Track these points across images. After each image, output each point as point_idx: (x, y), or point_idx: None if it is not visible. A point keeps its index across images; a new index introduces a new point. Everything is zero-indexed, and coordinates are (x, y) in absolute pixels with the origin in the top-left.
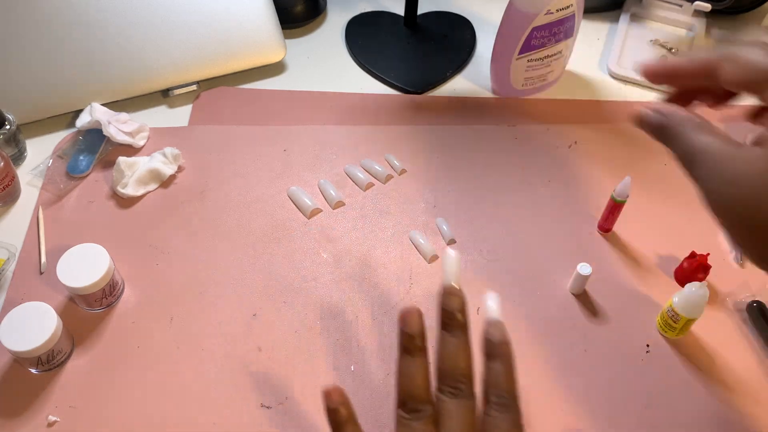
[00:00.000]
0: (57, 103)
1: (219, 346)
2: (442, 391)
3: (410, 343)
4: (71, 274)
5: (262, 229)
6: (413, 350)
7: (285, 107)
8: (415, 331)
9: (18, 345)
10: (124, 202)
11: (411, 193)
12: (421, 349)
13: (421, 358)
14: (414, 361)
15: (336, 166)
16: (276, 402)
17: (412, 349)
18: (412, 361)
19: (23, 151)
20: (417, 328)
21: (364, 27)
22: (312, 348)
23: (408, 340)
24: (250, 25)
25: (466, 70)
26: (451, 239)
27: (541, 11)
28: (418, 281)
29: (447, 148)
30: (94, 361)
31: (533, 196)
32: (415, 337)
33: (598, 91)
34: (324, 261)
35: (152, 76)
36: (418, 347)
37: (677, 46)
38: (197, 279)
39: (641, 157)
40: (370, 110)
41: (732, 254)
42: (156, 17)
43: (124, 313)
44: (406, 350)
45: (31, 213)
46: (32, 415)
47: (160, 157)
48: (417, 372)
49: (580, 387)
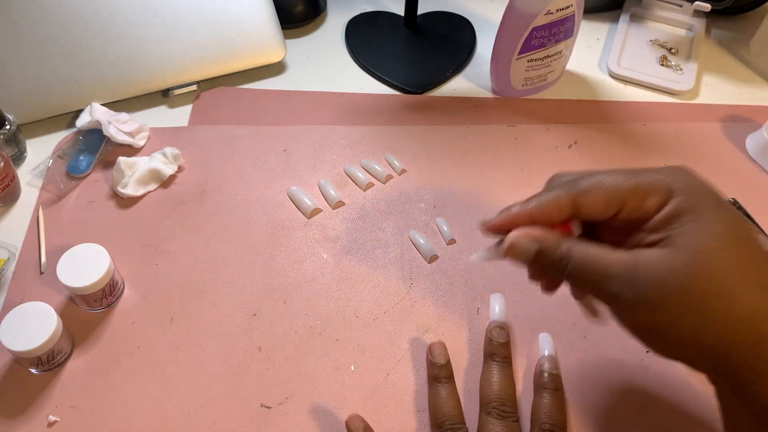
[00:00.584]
0: (57, 103)
1: (219, 346)
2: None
3: (439, 373)
4: (71, 274)
5: (262, 229)
6: (442, 378)
7: (285, 107)
8: (442, 362)
9: (18, 345)
10: (124, 202)
11: (411, 193)
12: (449, 377)
13: (451, 384)
14: (445, 387)
15: (336, 166)
16: (276, 402)
17: (442, 377)
18: (443, 387)
19: (23, 151)
20: (444, 358)
21: (364, 27)
22: (312, 348)
23: (437, 370)
24: (250, 25)
25: (466, 70)
26: (451, 239)
27: (541, 11)
28: (418, 281)
29: (447, 148)
30: (94, 361)
31: None
32: (443, 366)
33: (598, 91)
34: (324, 261)
35: (152, 76)
36: (446, 375)
37: (677, 46)
38: (197, 279)
39: (641, 157)
40: (370, 110)
41: None
42: (156, 17)
43: (124, 313)
44: (436, 379)
45: (31, 213)
46: (32, 415)
47: (160, 157)
48: (449, 397)
49: (579, 387)
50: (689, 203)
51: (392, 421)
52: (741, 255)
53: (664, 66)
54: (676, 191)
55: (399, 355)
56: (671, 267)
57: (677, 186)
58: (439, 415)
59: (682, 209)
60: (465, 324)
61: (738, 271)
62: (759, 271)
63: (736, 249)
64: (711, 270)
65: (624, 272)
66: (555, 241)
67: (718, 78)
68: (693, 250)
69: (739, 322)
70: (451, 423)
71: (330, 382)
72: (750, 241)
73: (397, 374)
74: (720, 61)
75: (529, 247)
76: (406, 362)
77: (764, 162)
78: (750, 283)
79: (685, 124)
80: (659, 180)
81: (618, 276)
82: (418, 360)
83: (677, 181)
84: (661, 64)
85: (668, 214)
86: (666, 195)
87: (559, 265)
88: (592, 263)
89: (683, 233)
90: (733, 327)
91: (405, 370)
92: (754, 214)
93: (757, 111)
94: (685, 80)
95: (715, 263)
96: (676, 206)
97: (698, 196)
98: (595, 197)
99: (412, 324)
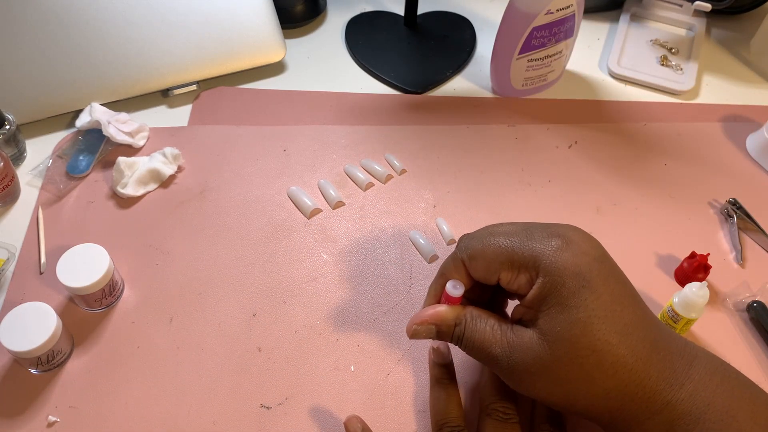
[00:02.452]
0: (57, 103)
1: (219, 346)
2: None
3: (441, 374)
4: (71, 274)
5: (262, 229)
6: (445, 379)
7: (285, 107)
8: (445, 363)
9: (18, 345)
10: (124, 202)
11: (411, 193)
12: (451, 378)
13: (453, 386)
14: (446, 389)
15: (336, 166)
16: (276, 402)
17: (444, 378)
18: (444, 389)
19: (23, 151)
20: (447, 359)
21: (364, 27)
22: (312, 348)
23: (439, 371)
24: (250, 25)
25: (466, 70)
26: (451, 239)
27: (541, 11)
28: (418, 281)
29: (447, 148)
30: (94, 361)
31: (533, 196)
32: (445, 368)
33: (598, 91)
34: (324, 261)
35: (152, 76)
36: (448, 377)
37: (677, 46)
38: (197, 279)
39: (641, 157)
40: (370, 110)
41: (732, 254)
42: (156, 17)
43: (124, 313)
44: (438, 380)
45: (31, 213)
46: (32, 415)
47: (160, 157)
48: (450, 398)
49: None
50: (552, 286)
51: (392, 421)
52: (596, 338)
53: (664, 66)
54: (541, 270)
55: (399, 355)
56: (536, 354)
57: (544, 264)
58: (440, 417)
59: (546, 292)
60: None
61: (593, 355)
62: (612, 351)
63: (592, 334)
64: (568, 358)
65: (504, 353)
66: (451, 321)
67: (718, 78)
68: (554, 338)
69: (597, 398)
70: (451, 425)
71: (330, 382)
72: (612, 316)
73: (397, 374)
74: (720, 61)
75: (429, 330)
76: (406, 362)
77: (764, 162)
78: (604, 364)
79: (685, 124)
80: (530, 255)
81: (499, 357)
82: (418, 360)
83: (545, 258)
84: (661, 64)
85: (535, 296)
86: (534, 273)
87: (456, 341)
88: (479, 342)
89: (547, 319)
90: (592, 404)
91: (405, 370)
92: (754, 214)
93: (757, 111)
94: (686, 80)
95: (572, 351)
96: (541, 289)
97: (562, 276)
98: (477, 264)
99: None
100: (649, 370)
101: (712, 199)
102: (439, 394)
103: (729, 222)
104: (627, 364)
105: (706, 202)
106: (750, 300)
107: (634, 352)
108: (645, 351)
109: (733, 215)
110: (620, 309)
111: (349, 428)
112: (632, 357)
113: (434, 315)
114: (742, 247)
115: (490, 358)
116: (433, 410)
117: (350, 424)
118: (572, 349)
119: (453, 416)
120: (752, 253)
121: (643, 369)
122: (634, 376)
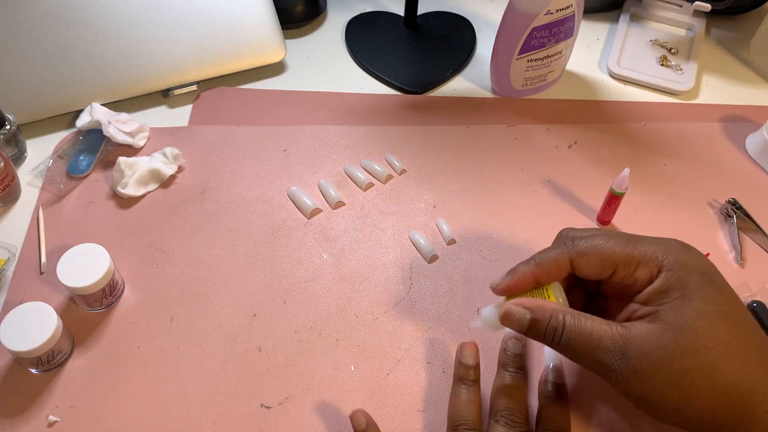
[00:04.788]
0: (57, 103)
1: (219, 346)
2: (497, 422)
3: (466, 374)
4: (71, 274)
5: (262, 229)
6: (468, 380)
7: (285, 107)
8: (471, 364)
9: (18, 345)
10: (124, 202)
11: (411, 193)
12: (475, 380)
13: (475, 388)
14: (468, 390)
15: (336, 166)
16: (276, 402)
17: (468, 378)
18: (466, 389)
19: (23, 152)
20: (473, 360)
21: (364, 27)
22: (312, 348)
23: (464, 371)
24: (250, 25)
25: (466, 70)
26: (451, 239)
27: (541, 11)
28: (418, 281)
29: (447, 148)
30: (94, 361)
31: (533, 196)
32: (471, 368)
33: (598, 91)
34: (324, 261)
35: (152, 76)
36: (472, 378)
37: (677, 46)
38: (197, 279)
39: (641, 157)
40: (370, 110)
41: (732, 254)
42: (156, 17)
43: (124, 313)
44: (461, 379)
45: (32, 213)
46: (32, 415)
47: (160, 157)
48: (471, 400)
49: (579, 387)
50: (678, 279)
51: (392, 421)
52: (724, 332)
53: (664, 66)
54: (665, 266)
55: (399, 355)
56: (659, 343)
57: (667, 261)
58: (457, 417)
59: (670, 285)
60: (465, 324)
61: (721, 346)
62: (741, 345)
63: (720, 327)
64: (695, 347)
65: (616, 345)
66: (549, 311)
67: (718, 78)
68: (679, 327)
69: (722, 395)
70: (466, 427)
71: (330, 382)
72: (736, 316)
73: (397, 374)
74: (720, 61)
75: (522, 316)
76: (406, 362)
77: (764, 162)
78: (731, 358)
79: (685, 124)
80: (651, 252)
81: (610, 348)
82: (418, 360)
83: (668, 255)
84: (661, 64)
85: (657, 289)
86: (656, 268)
87: (552, 336)
88: (586, 335)
89: (671, 310)
90: (716, 400)
91: (405, 370)
92: (754, 214)
93: (757, 111)
94: (685, 80)
95: (699, 341)
96: (665, 281)
97: (687, 272)
98: (590, 259)
99: (412, 324)
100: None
101: (712, 199)
102: (460, 394)
103: (728, 222)
104: (754, 360)
105: (705, 202)
106: (750, 300)
107: (760, 350)
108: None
109: (732, 215)
110: (742, 309)
111: (354, 422)
112: (758, 354)
113: (535, 302)
114: (741, 247)
115: (599, 351)
116: (451, 410)
117: (355, 417)
118: (700, 338)
119: (470, 419)
120: (752, 253)
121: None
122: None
